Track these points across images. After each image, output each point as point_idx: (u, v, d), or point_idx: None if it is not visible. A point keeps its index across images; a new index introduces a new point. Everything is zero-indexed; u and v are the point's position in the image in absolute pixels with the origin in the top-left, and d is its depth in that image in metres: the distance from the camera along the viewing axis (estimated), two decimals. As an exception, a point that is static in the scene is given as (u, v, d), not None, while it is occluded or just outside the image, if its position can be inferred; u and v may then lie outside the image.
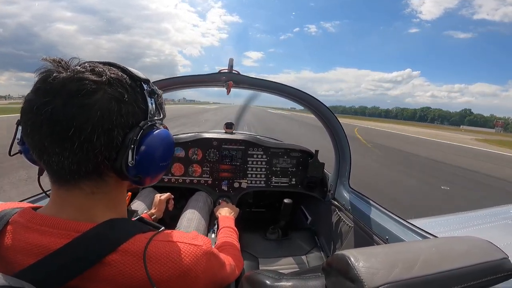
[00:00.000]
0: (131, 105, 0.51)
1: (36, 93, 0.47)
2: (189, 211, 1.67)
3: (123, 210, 0.61)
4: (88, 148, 0.47)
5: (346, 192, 1.75)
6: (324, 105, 1.64)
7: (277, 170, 2.11)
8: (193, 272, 0.55)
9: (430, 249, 0.55)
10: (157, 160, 0.55)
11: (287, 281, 0.60)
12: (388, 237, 1.22)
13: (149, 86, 0.57)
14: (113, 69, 0.52)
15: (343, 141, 1.73)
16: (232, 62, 1.49)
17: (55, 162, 0.48)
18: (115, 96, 0.49)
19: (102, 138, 0.48)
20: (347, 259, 0.49)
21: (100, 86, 0.48)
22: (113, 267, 0.49)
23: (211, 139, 2.07)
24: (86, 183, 0.52)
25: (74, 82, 0.46)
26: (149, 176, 0.56)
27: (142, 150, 0.52)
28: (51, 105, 0.45)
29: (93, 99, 0.46)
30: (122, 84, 0.51)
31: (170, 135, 0.59)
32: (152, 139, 0.54)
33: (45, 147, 0.47)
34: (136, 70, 0.56)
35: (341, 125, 1.70)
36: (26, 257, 0.48)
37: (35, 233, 0.50)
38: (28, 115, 0.47)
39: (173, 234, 0.59)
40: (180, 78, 1.61)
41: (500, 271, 0.51)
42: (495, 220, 1.55)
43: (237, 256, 0.97)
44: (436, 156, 12.10)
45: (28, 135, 0.48)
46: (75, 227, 0.50)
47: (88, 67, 0.49)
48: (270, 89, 1.64)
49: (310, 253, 1.76)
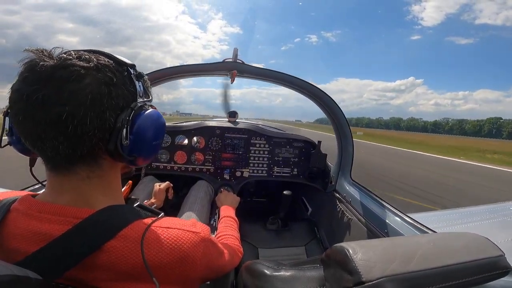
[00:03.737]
0: (121, 88, 0.53)
1: (24, 82, 0.47)
2: (191, 200, 1.69)
3: (120, 195, 0.62)
4: (82, 131, 0.48)
5: (347, 184, 1.75)
6: (327, 95, 1.63)
7: (279, 160, 2.11)
8: (191, 258, 0.56)
9: (428, 244, 0.55)
10: (150, 139, 0.58)
11: (286, 271, 0.61)
12: (387, 230, 1.23)
13: (135, 71, 0.59)
14: (100, 56, 0.53)
15: (346, 133, 1.73)
16: (237, 51, 1.48)
17: (50, 148, 0.49)
18: (104, 80, 0.50)
19: (95, 121, 0.49)
20: (345, 251, 0.50)
21: (89, 71, 0.48)
22: (112, 254, 0.49)
23: (214, 127, 2.07)
24: (82, 168, 0.53)
25: (63, 69, 0.47)
26: (142, 155, 0.58)
27: (134, 129, 0.54)
28: (41, 92, 0.46)
29: (83, 84, 0.47)
30: (110, 68, 0.52)
31: (160, 115, 0.61)
32: (143, 119, 0.56)
33: (38, 134, 0.48)
34: (122, 57, 0.57)
35: (345, 116, 1.70)
36: (27, 245, 0.49)
37: (35, 221, 0.50)
38: (18, 103, 0.48)
39: (172, 220, 0.60)
40: (185, 66, 1.60)
41: (495, 268, 0.52)
42: (494, 216, 1.56)
43: (236, 246, 0.99)
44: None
45: (20, 123, 0.49)
46: (74, 213, 0.51)
47: (74, 54, 0.50)
48: (274, 78, 1.63)
49: (309, 244, 1.79)
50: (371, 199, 1.50)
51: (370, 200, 1.49)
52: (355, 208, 1.56)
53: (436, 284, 0.47)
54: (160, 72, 1.58)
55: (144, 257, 0.49)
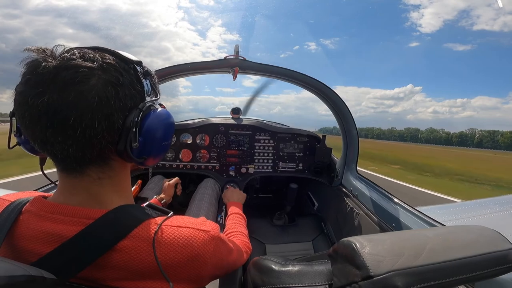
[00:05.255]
0: (128, 88, 0.51)
1: (27, 84, 0.46)
2: (198, 197, 1.70)
3: (130, 195, 0.62)
4: (90, 134, 0.47)
5: (353, 178, 1.74)
6: (332, 89, 1.62)
7: (284, 155, 2.11)
8: (202, 257, 0.56)
9: (436, 238, 0.55)
10: (160, 140, 0.56)
11: (293, 267, 0.61)
12: (395, 224, 1.23)
13: (142, 68, 0.57)
14: (104, 54, 0.51)
15: (351, 127, 1.71)
16: (238, 48, 1.48)
17: (59, 151, 0.48)
18: (110, 81, 0.48)
19: (103, 123, 0.47)
20: (353, 245, 0.50)
21: (93, 72, 0.47)
22: (124, 253, 0.50)
23: (218, 125, 2.08)
24: (92, 169, 0.52)
25: (67, 70, 0.45)
26: (152, 156, 0.57)
27: (144, 131, 0.53)
28: (46, 95, 0.44)
29: (89, 86, 0.46)
30: (116, 68, 0.50)
31: (169, 114, 0.59)
32: (152, 120, 0.54)
33: (46, 138, 0.47)
34: (127, 53, 0.55)
35: (349, 110, 1.68)
36: (41, 246, 0.49)
37: (48, 222, 0.51)
38: (23, 107, 0.46)
39: (182, 219, 0.60)
40: (187, 65, 1.60)
41: (506, 261, 0.51)
42: (504, 209, 1.53)
43: (245, 242, 0.99)
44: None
45: (27, 128, 0.48)
46: (86, 214, 0.51)
47: (78, 53, 0.47)
48: (276, 74, 1.62)
49: (316, 239, 1.79)
50: (378, 192, 1.49)
51: (377, 194, 1.48)
52: (361, 202, 1.55)
53: (445, 278, 0.46)
54: (163, 71, 1.58)
55: (156, 256, 0.50)
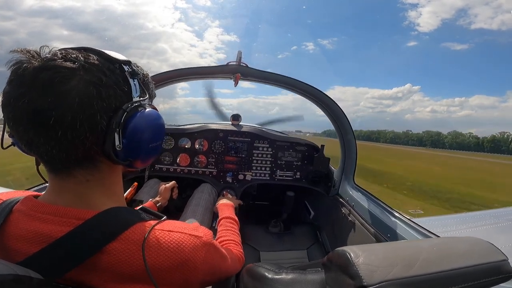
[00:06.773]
0: (112, 88, 0.50)
1: (11, 85, 0.46)
2: (194, 202, 1.69)
3: (121, 197, 0.62)
4: (72, 135, 0.46)
5: (350, 188, 1.74)
6: (332, 100, 1.63)
7: (282, 163, 2.11)
8: (191, 262, 0.55)
9: (431, 249, 0.55)
10: (146, 142, 0.55)
11: (287, 275, 0.61)
12: (390, 235, 1.23)
13: (130, 67, 0.55)
14: (89, 54, 0.50)
15: (350, 137, 1.72)
16: (241, 54, 1.49)
17: (44, 152, 0.48)
18: (92, 81, 0.47)
19: (85, 124, 0.47)
20: (347, 255, 0.50)
21: (74, 72, 0.46)
22: (112, 256, 0.49)
23: (217, 130, 2.08)
24: (79, 171, 0.52)
25: (47, 71, 0.45)
26: (139, 159, 0.56)
27: (127, 133, 0.51)
28: (27, 96, 0.44)
29: (69, 86, 0.45)
30: (98, 68, 0.49)
31: (158, 115, 0.57)
32: (138, 121, 0.52)
33: (31, 139, 0.47)
34: (115, 52, 0.53)
35: (349, 120, 1.70)
36: (29, 245, 0.49)
37: (37, 222, 0.50)
38: (7, 108, 0.47)
39: (175, 224, 0.59)
40: (189, 69, 1.61)
41: (499, 272, 0.51)
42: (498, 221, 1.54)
43: (239, 251, 0.97)
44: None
45: (12, 128, 0.48)
46: (75, 214, 0.50)
47: (60, 54, 0.47)
48: (278, 82, 1.64)
49: (311, 248, 1.78)
50: (374, 203, 1.49)
51: (373, 205, 1.48)
52: (357, 212, 1.55)
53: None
54: (165, 75, 1.59)
55: (145, 260, 0.49)
